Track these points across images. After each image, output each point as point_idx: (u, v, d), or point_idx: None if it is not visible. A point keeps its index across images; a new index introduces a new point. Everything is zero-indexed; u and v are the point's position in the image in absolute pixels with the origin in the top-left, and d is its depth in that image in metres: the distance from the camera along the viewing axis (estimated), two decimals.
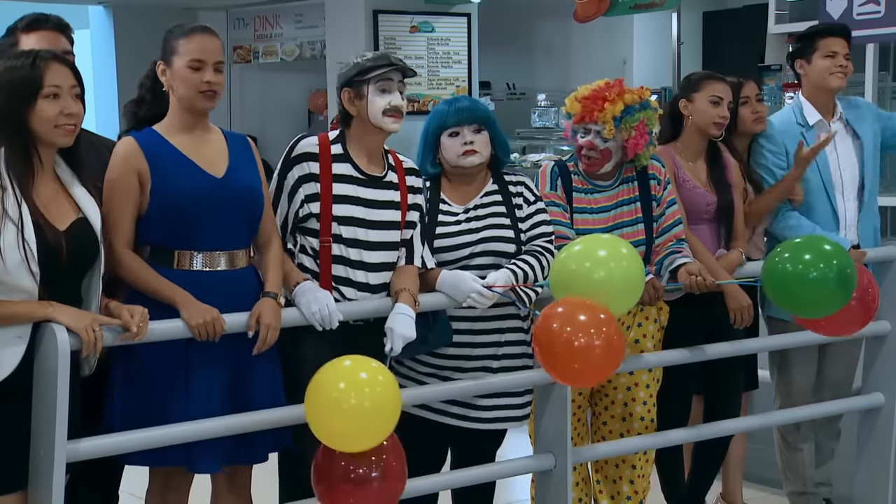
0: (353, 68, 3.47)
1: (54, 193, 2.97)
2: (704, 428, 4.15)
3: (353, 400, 2.89)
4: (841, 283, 3.44)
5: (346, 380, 2.93)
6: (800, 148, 4.21)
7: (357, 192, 3.45)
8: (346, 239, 3.42)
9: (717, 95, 4.08)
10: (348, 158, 3.47)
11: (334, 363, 2.98)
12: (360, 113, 3.46)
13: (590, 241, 3.37)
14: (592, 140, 3.85)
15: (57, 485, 2.88)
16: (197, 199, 3.18)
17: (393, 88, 3.45)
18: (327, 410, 2.92)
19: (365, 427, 2.94)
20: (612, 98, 3.81)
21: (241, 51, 10.21)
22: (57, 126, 2.90)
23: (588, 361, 3.12)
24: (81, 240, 2.95)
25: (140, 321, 2.98)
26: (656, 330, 4.01)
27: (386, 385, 2.96)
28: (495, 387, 3.64)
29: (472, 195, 3.72)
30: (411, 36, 8.79)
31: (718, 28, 10.13)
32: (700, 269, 3.80)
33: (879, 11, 5.86)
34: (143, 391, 3.18)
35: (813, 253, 3.48)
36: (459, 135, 3.65)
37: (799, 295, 3.50)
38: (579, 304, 3.17)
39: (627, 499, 4.07)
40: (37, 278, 2.85)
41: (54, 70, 2.91)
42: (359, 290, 3.43)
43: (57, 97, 2.90)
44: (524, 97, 10.59)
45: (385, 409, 2.95)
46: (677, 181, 4.10)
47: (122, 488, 3.56)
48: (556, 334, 3.13)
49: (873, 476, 4.36)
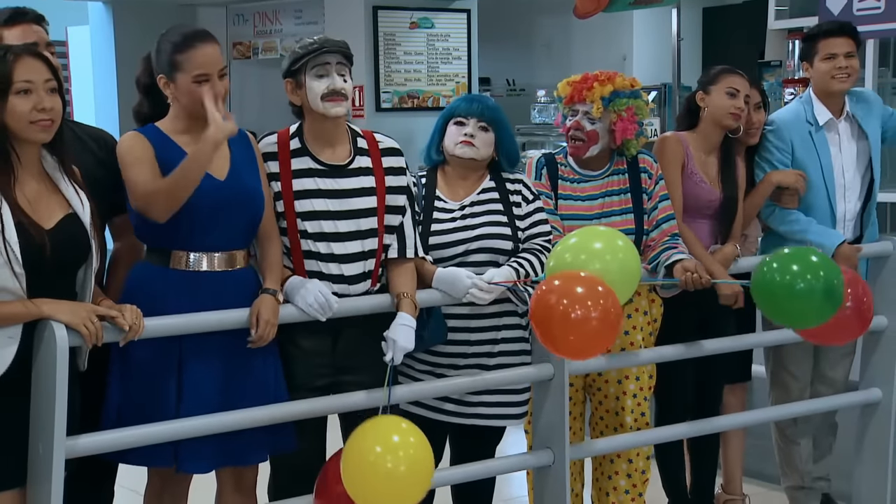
0: (289, 58, 3.42)
1: (41, 191, 2.92)
2: (700, 423, 4.15)
3: (390, 464, 2.98)
4: (828, 295, 3.45)
5: (383, 443, 3.01)
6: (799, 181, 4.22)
7: (318, 185, 3.39)
8: (311, 234, 3.38)
9: (734, 87, 4.08)
10: (306, 151, 3.42)
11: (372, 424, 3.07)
12: (303, 102, 3.40)
13: (586, 233, 3.39)
14: (579, 120, 3.87)
15: (56, 481, 2.88)
16: (199, 201, 3.15)
17: (330, 72, 3.36)
18: (365, 475, 3.00)
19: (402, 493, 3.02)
20: (603, 80, 3.86)
21: (241, 47, 10.22)
22: (32, 122, 2.83)
23: (584, 333, 3.13)
24: (69, 237, 2.90)
25: (134, 318, 2.97)
26: (646, 322, 4.01)
27: (419, 447, 3.04)
28: (490, 383, 3.65)
29: (467, 192, 3.71)
30: (411, 32, 8.79)
31: (718, 24, 10.13)
32: (696, 266, 3.81)
33: (879, 7, 5.86)
34: (136, 388, 3.17)
35: (801, 264, 3.48)
36: (465, 125, 3.65)
37: (786, 306, 3.51)
38: (576, 276, 3.18)
39: (626, 492, 4.08)
40: (21, 279, 2.80)
41: (25, 64, 2.83)
42: (334, 282, 3.38)
43: (29, 93, 2.83)
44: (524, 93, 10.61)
45: (421, 473, 3.03)
46: (685, 172, 4.10)
47: (123, 484, 3.56)
48: (552, 307, 3.13)
49: (871, 471, 4.36)
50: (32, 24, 3.42)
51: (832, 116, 4.33)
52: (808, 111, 4.34)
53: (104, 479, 3.48)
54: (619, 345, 3.95)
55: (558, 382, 3.66)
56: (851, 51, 4.28)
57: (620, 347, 3.95)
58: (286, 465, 3.43)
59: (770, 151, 4.32)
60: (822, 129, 4.32)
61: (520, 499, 4.97)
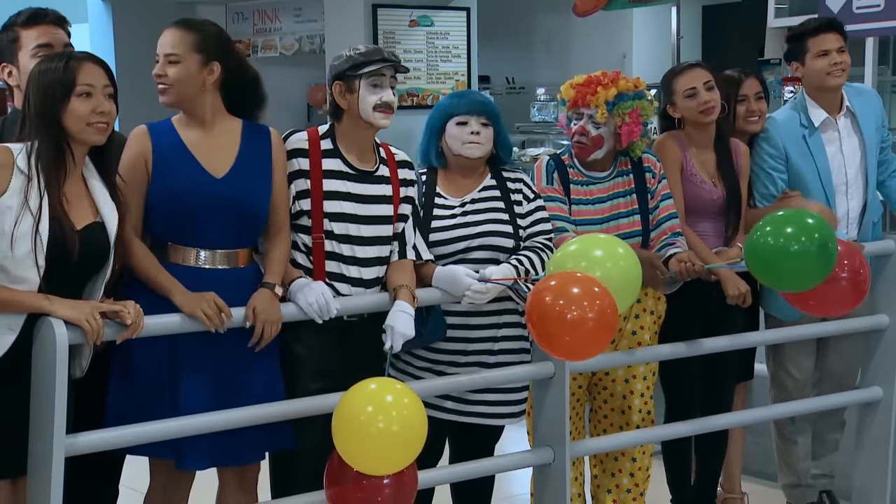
0: (345, 62, 3.43)
1: (79, 193, 3.01)
2: (703, 422, 4.15)
3: (382, 424, 2.93)
4: (821, 254, 3.41)
5: (374, 403, 2.96)
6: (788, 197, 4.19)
7: (348, 188, 3.42)
8: (337, 235, 3.40)
9: (689, 88, 4.05)
10: (338, 154, 3.45)
11: (361, 386, 3.01)
12: (350, 107, 3.43)
13: (586, 240, 3.37)
14: (584, 125, 3.86)
15: (56, 478, 2.88)
16: (191, 197, 3.17)
17: (385, 84, 3.42)
18: (356, 435, 2.96)
19: (393, 451, 2.98)
20: (606, 83, 3.83)
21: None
22: (89, 124, 2.95)
23: (579, 334, 3.12)
24: (94, 243, 2.99)
25: (135, 315, 2.98)
26: (653, 321, 4.02)
27: (412, 407, 2.99)
28: (491, 381, 3.64)
29: (468, 189, 3.71)
30: (410, 30, 8.78)
31: (718, 22, 10.14)
32: (690, 256, 3.79)
33: (879, 5, 5.85)
34: (135, 385, 3.18)
35: (794, 226, 3.44)
36: (467, 124, 3.65)
37: (780, 268, 3.46)
38: (572, 276, 3.18)
39: (627, 491, 4.08)
40: (41, 271, 2.88)
41: (87, 69, 2.97)
42: (352, 285, 3.41)
43: (90, 96, 2.95)
44: (523, 91, 10.62)
45: (413, 431, 2.98)
46: (684, 174, 4.09)
47: (124, 483, 3.56)
48: (548, 307, 3.12)
49: (872, 469, 4.36)
50: (51, 26, 3.45)
51: (828, 115, 4.29)
52: (802, 115, 4.29)
53: (109, 476, 3.47)
54: (627, 345, 3.95)
55: (559, 381, 3.65)
56: (842, 46, 4.24)
57: (628, 348, 3.95)
58: (289, 465, 3.43)
59: (763, 159, 4.27)
60: (818, 131, 4.28)
61: (520, 497, 4.97)
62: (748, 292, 3.97)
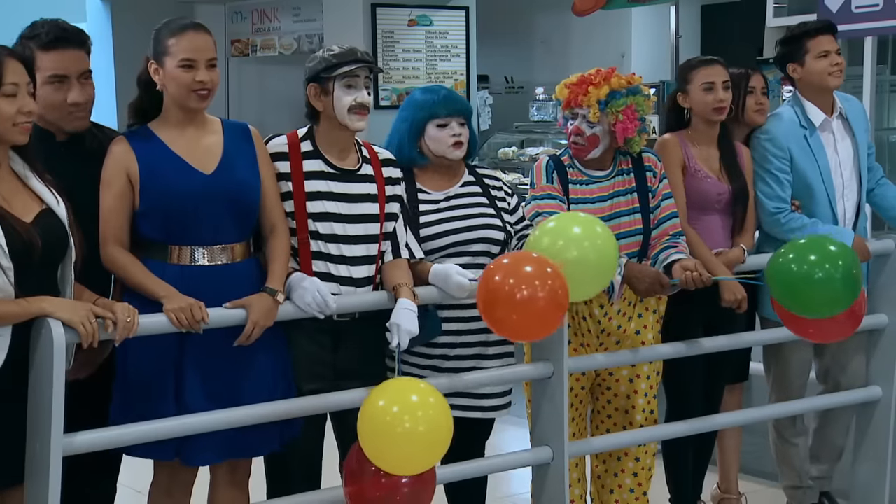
0: (319, 63, 3.43)
1: (14, 189, 2.92)
2: (698, 422, 4.15)
3: (408, 424, 2.96)
4: (846, 283, 3.48)
5: (399, 403, 2.99)
6: None
7: (330, 188, 3.42)
8: (323, 235, 3.40)
9: (708, 81, 4.07)
10: (318, 154, 3.45)
11: (387, 385, 3.05)
12: (325, 109, 3.43)
13: (564, 218, 3.39)
14: (579, 125, 3.87)
15: (53, 478, 2.88)
16: (186, 197, 3.18)
17: (359, 85, 3.41)
18: (384, 435, 2.99)
19: (423, 451, 3.01)
20: (598, 82, 3.84)
21: (239, 44, 10.20)
22: (15, 124, 2.85)
23: (529, 314, 3.11)
24: (50, 230, 2.91)
25: (126, 316, 2.95)
26: (655, 321, 4.02)
27: (438, 406, 3.01)
28: (493, 380, 3.65)
29: (448, 185, 3.74)
30: (409, 29, 8.78)
31: (717, 21, 10.14)
32: (696, 265, 3.80)
33: (878, 4, 5.84)
34: (138, 384, 3.18)
35: (818, 254, 3.50)
36: (448, 126, 3.66)
37: (805, 295, 3.52)
38: (526, 256, 3.17)
39: (630, 491, 4.07)
40: (9, 273, 2.80)
41: (11, 67, 2.84)
42: (342, 284, 3.41)
43: (14, 96, 2.84)
44: (522, 91, 10.62)
45: (441, 432, 3.02)
46: (688, 171, 4.10)
47: (123, 482, 3.56)
48: (498, 286, 3.13)
49: (870, 469, 4.36)
50: (71, 50, 3.20)
51: (826, 116, 4.30)
52: (801, 115, 4.30)
53: (106, 475, 3.47)
54: (630, 344, 3.94)
55: (557, 380, 3.65)
56: (838, 47, 4.29)
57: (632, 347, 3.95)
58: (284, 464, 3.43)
59: (769, 161, 4.26)
60: (817, 130, 4.29)
61: (519, 496, 4.97)
62: (744, 299, 3.98)
